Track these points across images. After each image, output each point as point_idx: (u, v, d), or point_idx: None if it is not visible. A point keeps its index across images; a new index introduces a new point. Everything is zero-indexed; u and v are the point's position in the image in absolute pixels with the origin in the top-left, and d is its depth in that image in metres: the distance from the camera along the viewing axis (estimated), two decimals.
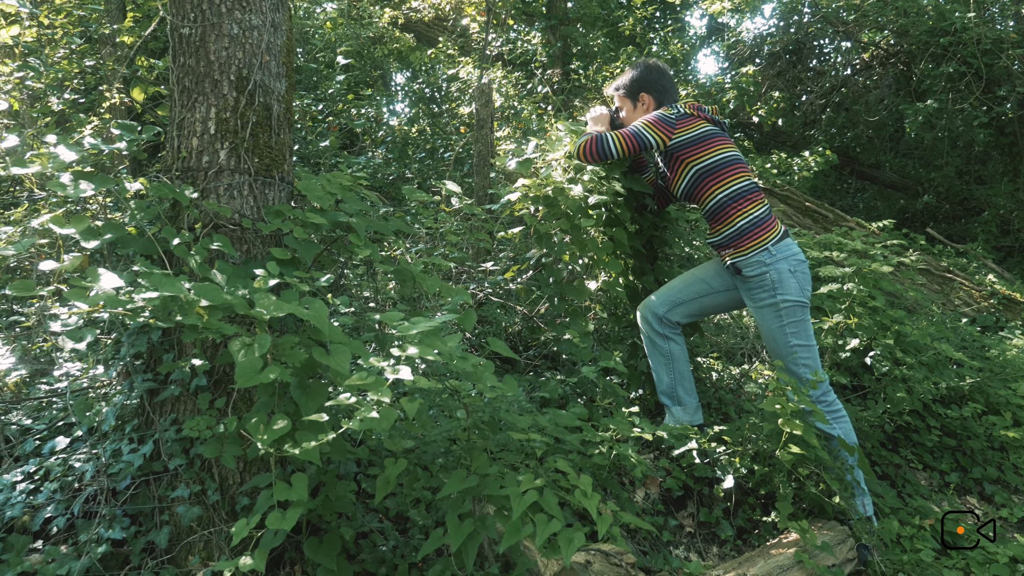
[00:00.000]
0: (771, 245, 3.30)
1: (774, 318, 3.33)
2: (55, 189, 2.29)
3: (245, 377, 2.14)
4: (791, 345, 3.34)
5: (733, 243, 3.38)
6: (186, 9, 2.84)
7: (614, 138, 3.45)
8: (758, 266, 3.31)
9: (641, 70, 3.72)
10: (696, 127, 3.46)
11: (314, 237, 2.86)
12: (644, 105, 3.69)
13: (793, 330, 3.32)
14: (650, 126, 3.46)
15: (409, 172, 6.86)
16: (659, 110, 3.55)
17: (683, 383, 3.57)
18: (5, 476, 2.80)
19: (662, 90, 3.68)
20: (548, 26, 7.67)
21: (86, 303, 2.11)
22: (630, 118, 3.74)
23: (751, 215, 3.36)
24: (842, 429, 3.37)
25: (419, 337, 2.10)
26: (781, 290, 3.29)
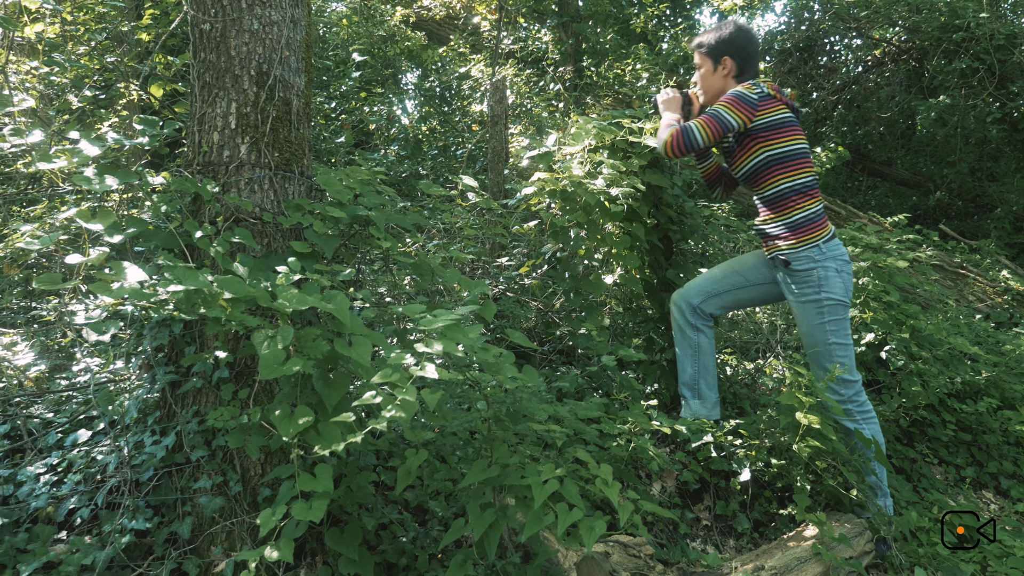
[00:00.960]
0: (822, 243, 3.28)
1: (816, 314, 3.31)
2: (80, 183, 2.32)
3: (268, 369, 2.16)
4: (829, 342, 3.31)
5: (785, 235, 3.34)
6: (207, 5, 2.86)
7: (698, 127, 3.27)
8: (807, 261, 3.28)
9: (730, 31, 3.49)
10: (776, 111, 3.32)
11: (332, 231, 2.89)
12: (725, 69, 3.49)
13: (833, 328, 3.30)
14: (731, 108, 3.28)
15: (422, 169, 6.88)
16: (740, 87, 3.33)
17: (706, 377, 3.56)
18: (29, 468, 2.83)
19: (747, 56, 3.48)
20: (560, 23, 7.69)
21: (111, 296, 2.13)
22: (708, 81, 3.55)
23: (808, 210, 3.32)
24: (871, 430, 3.34)
25: (442, 331, 2.12)
26: (826, 287, 3.27)
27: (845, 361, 3.32)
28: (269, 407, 2.44)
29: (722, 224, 5.87)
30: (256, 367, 2.70)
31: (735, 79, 3.49)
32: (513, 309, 3.89)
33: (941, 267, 6.88)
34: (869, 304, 4.15)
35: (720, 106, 3.30)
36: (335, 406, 2.34)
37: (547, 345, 4.27)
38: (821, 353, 3.34)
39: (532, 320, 4.18)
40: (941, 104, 8.35)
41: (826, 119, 10.79)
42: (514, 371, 2.35)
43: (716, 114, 3.28)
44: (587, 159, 3.80)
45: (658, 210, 3.93)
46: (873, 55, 10.33)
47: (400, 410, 1.94)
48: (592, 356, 4.04)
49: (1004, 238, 9.31)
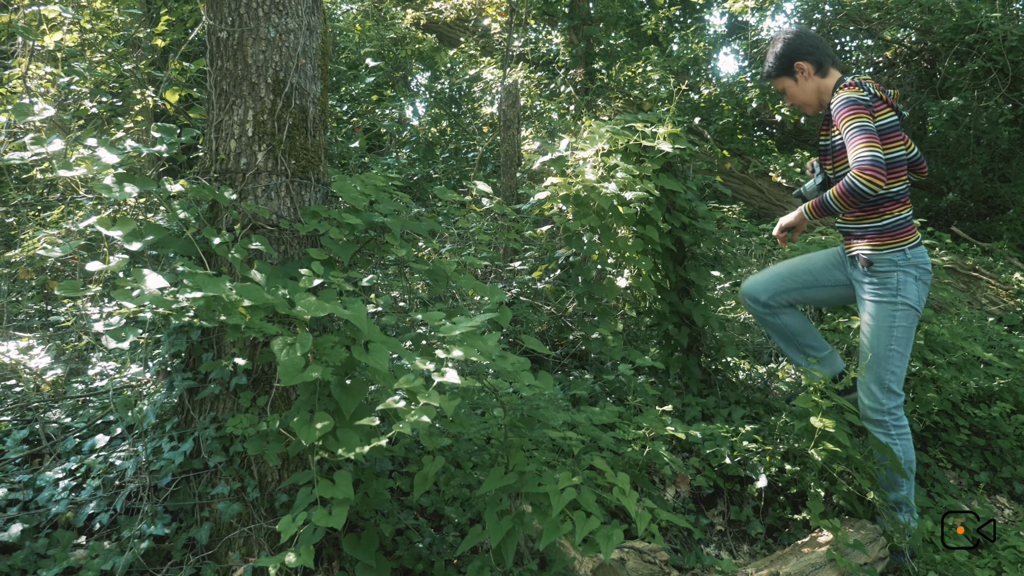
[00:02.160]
0: (908, 248, 3.25)
1: (887, 316, 3.27)
2: (100, 191, 2.34)
3: (288, 376, 2.18)
4: (891, 348, 3.27)
5: (871, 236, 3.29)
6: (223, 13, 2.88)
7: (869, 146, 3.02)
8: (889, 264, 3.25)
9: (785, 43, 3.44)
10: (885, 115, 3.24)
11: (347, 237, 2.90)
12: (804, 74, 3.41)
13: (899, 335, 3.27)
14: (858, 114, 3.10)
15: (434, 172, 6.90)
16: (848, 92, 3.19)
17: (807, 340, 3.59)
18: (48, 473, 2.86)
19: (814, 49, 3.41)
20: (571, 26, 7.70)
21: (132, 303, 2.15)
22: (799, 95, 3.47)
23: (899, 216, 3.27)
24: (903, 446, 3.31)
25: (462, 338, 2.13)
26: (903, 292, 3.25)
27: (897, 371, 3.30)
28: (287, 413, 2.45)
29: (734, 227, 5.87)
30: (273, 373, 2.72)
31: (820, 75, 3.42)
32: (527, 314, 3.90)
33: (954, 270, 6.86)
34: None
35: (850, 120, 3.11)
36: (353, 413, 2.36)
37: (560, 349, 4.27)
38: (878, 357, 3.29)
39: (545, 324, 4.18)
40: (953, 105, 8.32)
41: None
42: (530, 378, 2.36)
43: (859, 128, 3.08)
44: (600, 163, 3.81)
45: (671, 214, 3.94)
46: (885, 56, 10.30)
47: (422, 413, 1.95)
48: (606, 360, 4.04)
49: (1017, 239, 9.26)
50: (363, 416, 2.40)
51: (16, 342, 3.96)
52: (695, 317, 3.88)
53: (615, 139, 3.78)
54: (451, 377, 2.00)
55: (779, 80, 3.49)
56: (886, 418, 3.30)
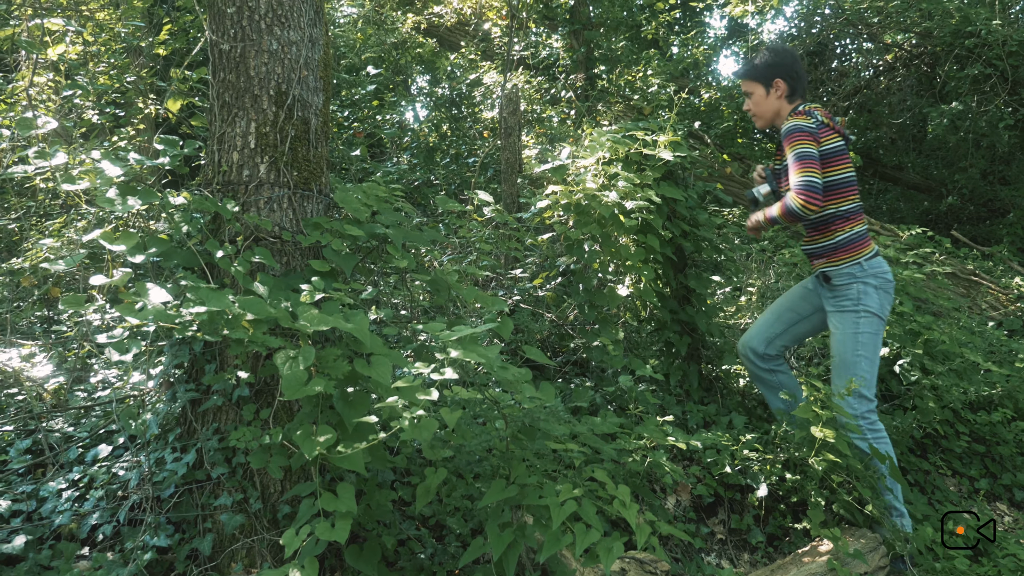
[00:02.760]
0: (863, 260, 3.41)
1: (851, 323, 3.41)
2: (104, 205, 2.35)
3: (291, 389, 2.19)
4: (858, 353, 3.39)
5: (828, 254, 3.48)
6: (226, 26, 2.89)
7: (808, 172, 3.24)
8: (848, 277, 3.42)
9: (775, 55, 3.57)
10: (832, 140, 3.40)
11: (350, 248, 2.91)
12: (778, 91, 3.54)
13: (864, 340, 3.39)
14: (803, 142, 3.30)
15: (435, 178, 6.91)
16: (797, 120, 3.37)
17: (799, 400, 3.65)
18: (51, 483, 2.87)
19: (796, 76, 3.55)
20: (571, 31, 7.71)
21: (136, 317, 2.16)
22: (762, 105, 3.60)
23: (851, 232, 3.45)
24: (881, 449, 3.36)
25: (460, 342, 2.14)
26: (864, 301, 3.39)
27: (867, 377, 3.38)
28: (290, 426, 2.46)
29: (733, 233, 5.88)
30: (276, 385, 2.73)
31: (787, 99, 3.55)
32: (528, 322, 3.91)
33: (954, 275, 6.87)
34: None
35: (796, 146, 3.30)
36: (355, 425, 2.37)
37: (561, 357, 4.29)
38: (846, 363, 3.41)
39: (546, 332, 4.19)
40: (953, 110, 8.34)
41: None
42: (532, 390, 2.37)
43: (802, 154, 3.28)
44: (601, 172, 3.82)
45: (672, 222, 3.95)
46: (885, 60, 10.31)
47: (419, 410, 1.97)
48: (607, 368, 4.05)
49: (1017, 243, 9.27)
50: (365, 429, 2.41)
51: (19, 350, 3.96)
52: (698, 324, 3.89)
53: (616, 147, 3.79)
54: (449, 374, 2.02)
55: (753, 84, 3.61)
56: (860, 422, 3.38)
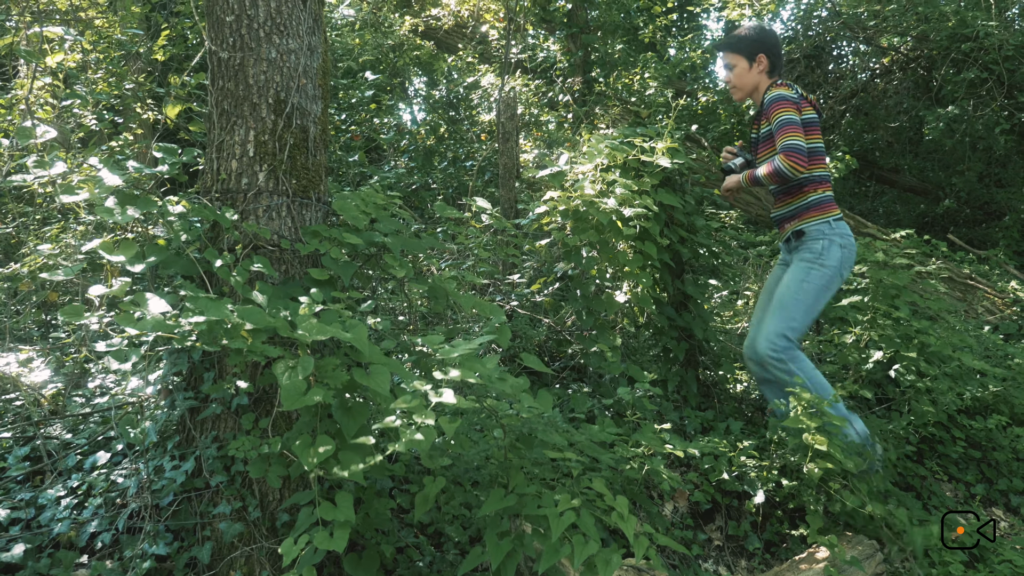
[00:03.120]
0: (832, 220, 3.67)
1: (803, 271, 3.62)
2: (103, 215, 2.35)
3: (290, 400, 2.20)
4: (796, 297, 3.59)
5: (800, 214, 3.72)
6: (225, 34, 2.90)
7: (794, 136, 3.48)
8: (817, 233, 3.65)
9: (760, 32, 3.83)
10: (808, 111, 3.65)
11: (348, 255, 2.92)
12: (760, 66, 3.79)
13: (807, 288, 3.59)
14: (787, 108, 3.54)
15: (432, 181, 6.91)
16: (779, 90, 3.61)
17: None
18: (49, 491, 2.87)
19: (777, 54, 3.81)
20: (569, 34, 7.72)
21: (135, 328, 2.17)
22: (743, 78, 3.83)
23: (823, 194, 3.72)
24: (801, 367, 3.57)
25: (460, 360, 2.15)
26: (825, 256, 3.61)
27: (797, 324, 3.59)
28: (289, 434, 2.47)
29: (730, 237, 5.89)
30: (275, 393, 2.73)
31: (767, 75, 3.81)
32: (525, 329, 3.91)
33: (950, 278, 6.89)
34: (877, 321, 4.17)
35: (780, 113, 3.56)
36: (354, 435, 2.37)
37: (559, 362, 4.30)
38: (783, 304, 3.61)
39: (543, 337, 4.20)
40: (949, 114, 8.36)
41: (834, 127, 10.79)
42: (531, 400, 2.38)
43: (786, 120, 3.53)
44: (599, 178, 3.83)
45: (669, 228, 3.96)
46: (881, 63, 10.33)
47: (418, 433, 1.97)
48: (604, 374, 4.06)
49: (1013, 246, 9.30)
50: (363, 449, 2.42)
51: (16, 354, 3.96)
52: (695, 331, 3.90)
53: (614, 154, 3.80)
54: (447, 397, 2.02)
55: (736, 56, 3.82)
56: (781, 355, 3.56)
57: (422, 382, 2.14)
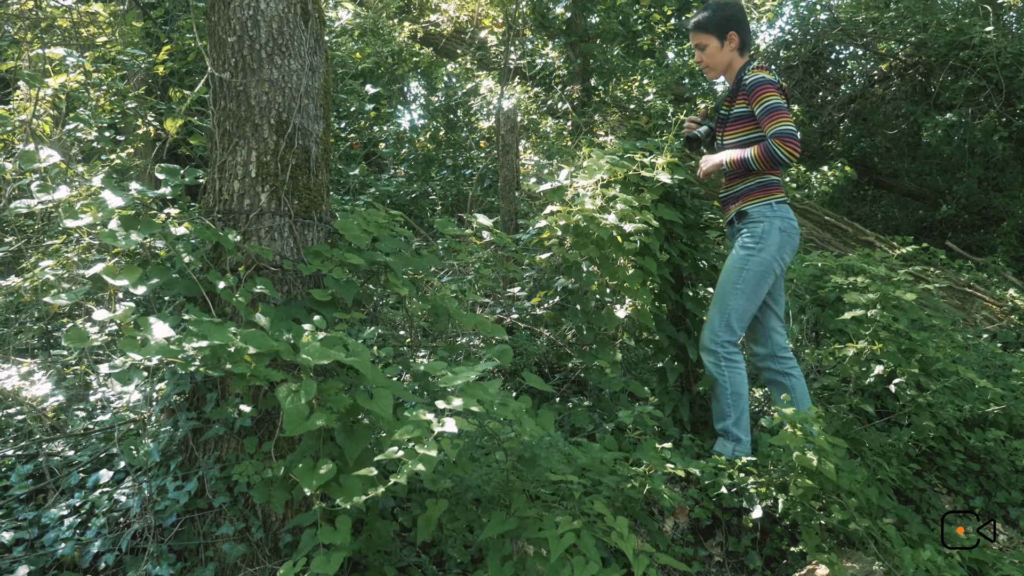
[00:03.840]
0: (774, 202, 3.68)
1: (742, 259, 3.64)
2: (106, 240, 2.36)
3: (293, 425, 2.21)
4: (736, 285, 3.62)
5: (744, 195, 3.73)
6: (227, 55, 2.91)
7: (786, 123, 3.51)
8: (758, 215, 3.67)
9: (728, 8, 3.80)
10: (783, 96, 3.65)
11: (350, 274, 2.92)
12: (732, 44, 3.77)
13: (747, 277, 3.62)
14: (775, 93, 3.56)
15: (431, 190, 6.92)
16: (764, 74, 3.61)
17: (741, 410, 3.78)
18: (52, 510, 2.88)
19: (746, 29, 3.81)
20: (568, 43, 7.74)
21: (139, 354, 2.18)
22: (716, 56, 3.80)
23: (768, 178, 3.72)
24: (731, 378, 3.66)
25: (463, 388, 2.16)
26: (765, 241, 3.63)
27: (738, 312, 3.63)
28: (291, 457, 2.48)
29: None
30: (278, 414, 2.74)
31: (739, 52, 3.79)
32: (526, 345, 3.92)
33: (949, 287, 6.90)
34: (878, 335, 4.17)
35: (766, 98, 3.57)
36: (356, 459, 2.39)
37: (559, 374, 4.31)
38: (724, 293, 3.65)
39: (544, 350, 4.21)
40: (948, 121, 8.38)
41: (832, 132, 10.81)
42: (532, 424, 2.39)
43: (775, 105, 3.54)
44: (599, 193, 3.84)
45: (669, 243, 3.97)
46: (879, 69, 10.35)
47: (421, 463, 1.98)
48: (604, 388, 4.07)
49: (1011, 252, 9.31)
50: (367, 461, 2.43)
51: (18, 367, 3.96)
52: (689, 351, 3.91)
53: (614, 170, 3.81)
54: (450, 427, 2.03)
55: (707, 36, 3.79)
56: (719, 349, 3.64)
57: (424, 411, 2.15)
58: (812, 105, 10.53)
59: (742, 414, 3.67)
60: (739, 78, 3.75)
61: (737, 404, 3.65)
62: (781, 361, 3.87)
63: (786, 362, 3.88)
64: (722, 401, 3.67)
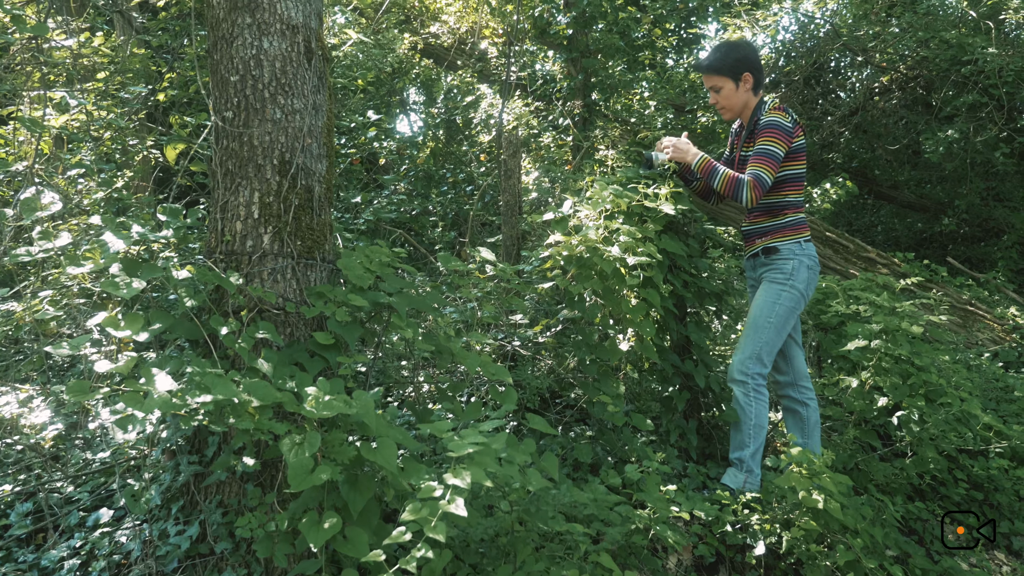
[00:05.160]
0: (802, 241, 3.77)
1: (774, 294, 3.71)
2: (108, 290, 2.34)
3: (298, 480, 2.19)
4: (768, 319, 3.69)
5: (772, 232, 3.80)
6: (229, 94, 2.88)
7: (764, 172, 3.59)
8: (789, 253, 3.74)
9: (741, 49, 3.83)
10: (800, 137, 3.73)
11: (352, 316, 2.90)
12: (746, 84, 3.79)
13: (779, 311, 3.69)
14: (777, 141, 3.62)
15: (432, 207, 6.90)
16: (776, 117, 3.65)
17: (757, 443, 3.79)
18: (52, 551, 2.86)
19: (759, 69, 3.84)
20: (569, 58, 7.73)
21: (142, 410, 2.16)
22: (732, 98, 3.83)
23: (795, 216, 3.81)
24: (757, 410, 3.67)
25: (471, 457, 2.14)
26: (795, 277, 3.71)
27: (769, 345, 3.70)
28: (294, 505, 2.46)
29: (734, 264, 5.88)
30: (280, 460, 2.72)
31: (753, 91, 3.82)
32: (529, 378, 3.90)
33: (950, 305, 6.89)
34: (881, 366, 4.16)
35: (768, 142, 3.63)
36: (361, 511, 2.36)
37: (560, 399, 4.29)
38: (756, 326, 3.71)
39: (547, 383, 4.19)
40: (949, 138, 8.37)
41: (833, 144, 10.79)
42: (538, 476, 2.37)
43: (770, 152, 3.62)
44: (603, 225, 3.82)
45: (673, 273, 3.95)
46: (880, 82, 10.34)
47: (429, 551, 1.96)
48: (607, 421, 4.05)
49: (1012, 266, 9.31)
50: (371, 513, 2.41)
51: (16, 394, 3.93)
52: (697, 379, 3.90)
53: (618, 201, 3.79)
54: (459, 509, 2.01)
55: (722, 78, 3.80)
56: (748, 381, 3.68)
57: (432, 487, 2.12)
58: (812, 117, 10.51)
59: (760, 447, 3.69)
60: (754, 118, 3.79)
61: (757, 436, 3.67)
62: (801, 391, 3.91)
63: (805, 392, 3.92)
64: (744, 431, 3.68)
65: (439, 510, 2.02)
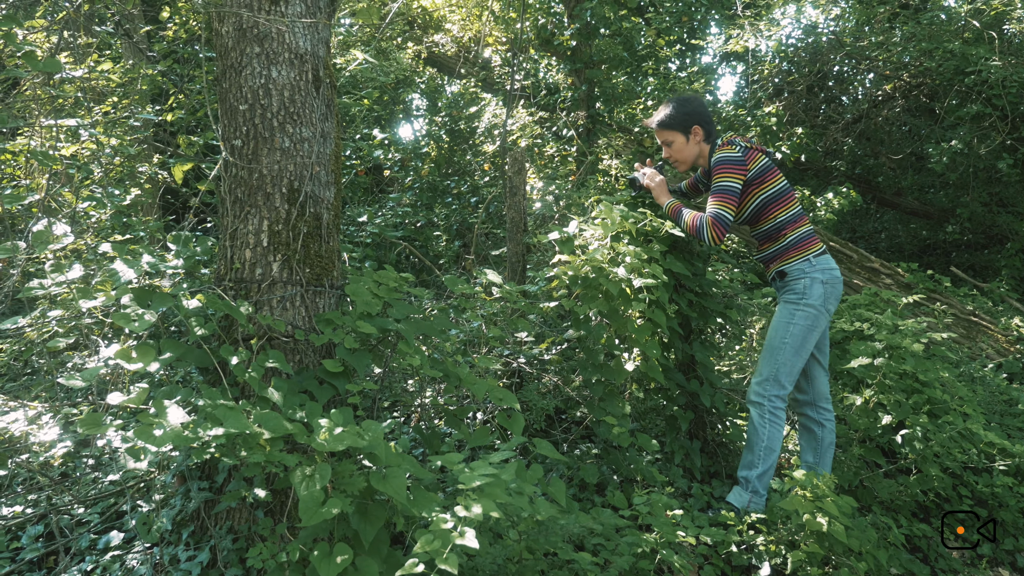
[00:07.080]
0: (812, 257, 3.74)
1: (789, 313, 3.71)
2: (120, 323, 2.36)
3: (309, 513, 2.21)
4: (784, 340, 3.68)
5: (780, 255, 3.79)
6: (238, 122, 2.91)
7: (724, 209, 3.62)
8: (798, 272, 3.73)
9: (688, 104, 3.88)
10: (758, 160, 3.74)
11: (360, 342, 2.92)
12: (697, 137, 3.86)
13: (794, 331, 3.68)
14: (729, 175, 3.66)
15: (437, 219, 6.92)
16: (722, 153, 3.71)
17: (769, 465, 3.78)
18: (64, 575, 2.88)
19: (708, 120, 3.89)
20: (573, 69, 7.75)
21: (155, 444, 2.18)
22: (683, 151, 3.90)
23: (799, 232, 3.78)
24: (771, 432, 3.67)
25: (482, 489, 2.16)
26: (808, 294, 3.69)
27: (787, 366, 3.69)
28: (303, 534, 2.48)
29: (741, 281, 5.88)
30: (291, 488, 2.74)
31: (705, 141, 3.88)
32: (535, 400, 3.92)
33: (954, 316, 6.90)
34: (885, 384, 4.18)
35: (721, 179, 3.68)
36: (372, 541, 2.39)
37: (565, 415, 4.30)
38: (772, 348, 3.72)
39: (553, 403, 4.21)
40: (953, 149, 8.38)
41: (836, 152, 10.80)
42: (546, 505, 2.39)
43: (725, 188, 3.66)
44: (608, 247, 3.84)
45: (678, 292, 3.97)
46: (884, 90, 10.34)
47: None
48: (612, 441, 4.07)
49: (1015, 275, 9.30)
50: (382, 542, 2.43)
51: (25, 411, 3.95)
52: (702, 399, 3.92)
53: (623, 222, 3.81)
54: (470, 541, 2.03)
55: (672, 133, 3.89)
56: (765, 403, 3.68)
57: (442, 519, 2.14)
58: (815, 125, 10.52)
59: (769, 469, 3.68)
60: (710, 160, 3.85)
61: (767, 458, 3.67)
62: (820, 411, 3.92)
63: (824, 412, 3.92)
64: (754, 451, 3.68)
65: (451, 541, 2.04)
